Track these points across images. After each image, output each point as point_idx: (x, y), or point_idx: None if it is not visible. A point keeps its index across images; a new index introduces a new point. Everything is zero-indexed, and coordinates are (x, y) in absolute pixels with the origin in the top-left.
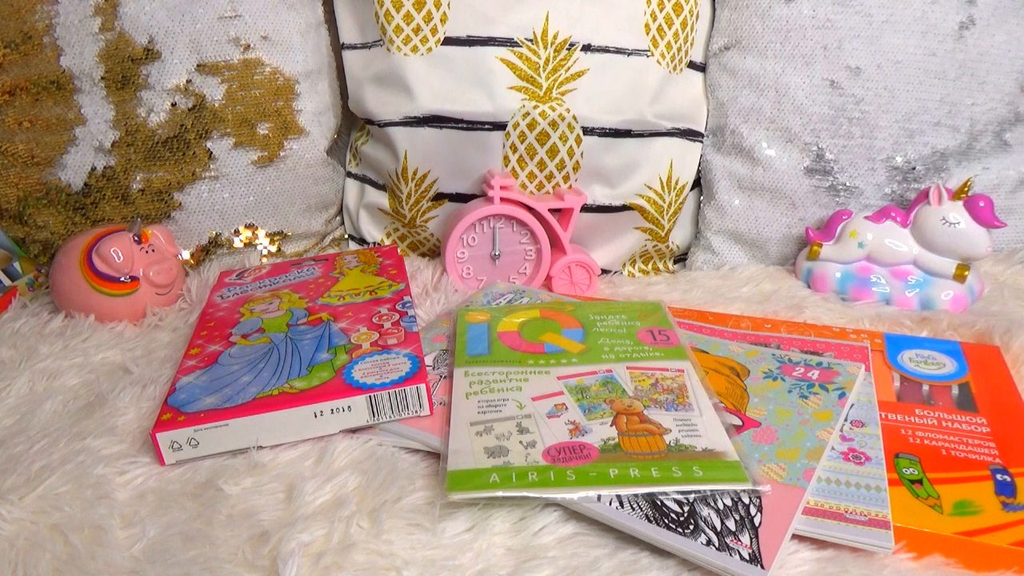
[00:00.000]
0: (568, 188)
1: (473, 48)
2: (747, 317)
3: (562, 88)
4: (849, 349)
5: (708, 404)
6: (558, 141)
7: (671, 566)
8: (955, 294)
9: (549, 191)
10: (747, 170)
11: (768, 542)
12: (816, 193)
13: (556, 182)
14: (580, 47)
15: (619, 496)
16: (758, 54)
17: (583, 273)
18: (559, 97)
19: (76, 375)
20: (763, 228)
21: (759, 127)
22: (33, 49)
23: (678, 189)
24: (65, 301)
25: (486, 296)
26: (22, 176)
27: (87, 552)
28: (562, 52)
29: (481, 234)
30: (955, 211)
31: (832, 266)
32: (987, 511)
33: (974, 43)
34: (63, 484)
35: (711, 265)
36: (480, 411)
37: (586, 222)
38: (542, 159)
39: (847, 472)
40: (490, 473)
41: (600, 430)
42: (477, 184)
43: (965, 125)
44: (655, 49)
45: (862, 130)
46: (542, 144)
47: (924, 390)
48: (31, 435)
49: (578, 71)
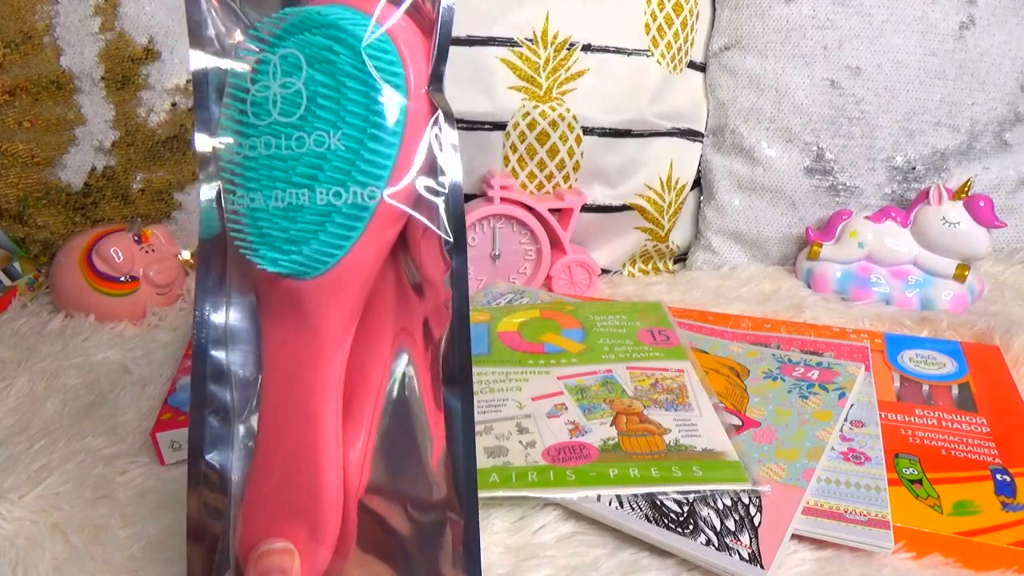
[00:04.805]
0: (568, 188)
1: (473, 48)
2: (747, 317)
3: (562, 88)
4: (849, 349)
5: (708, 404)
6: (558, 141)
7: (671, 566)
8: (955, 294)
9: (549, 191)
10: (747, 170)
11: (768, 542)
12: (816, 193)
13: (556, 182)
14: (580, 47)
15: (619, 496)
16: (758, 54)
17: (583, 273)
18: (559, 97)
19: (76, 375)
20: (763, 228)
21: (759, 127)
22: (33, 49)
23: (678, 189)
24: (65, 301)
25: (486, 296)
26: (22, 176)
27: (87, 552)
28: (562, 52)
29: (481, 234)
30: (955, 211)
31: (832, 266)
32: (987, 511)
33: (974, 43)
34: (63, 484)
35: (711, 265)
36: (480, 411)
37: (586, 222)
38: (542, 159)
39: (847, 472)
40: (490, 473)
41: (600, 430)
42: (477, 184)
43: (965, 125)
44: (655, 49)
45: (862, 130)
46: (542, 144)
47: (924, 390)
48: (31, 435)
49: (578, 71)
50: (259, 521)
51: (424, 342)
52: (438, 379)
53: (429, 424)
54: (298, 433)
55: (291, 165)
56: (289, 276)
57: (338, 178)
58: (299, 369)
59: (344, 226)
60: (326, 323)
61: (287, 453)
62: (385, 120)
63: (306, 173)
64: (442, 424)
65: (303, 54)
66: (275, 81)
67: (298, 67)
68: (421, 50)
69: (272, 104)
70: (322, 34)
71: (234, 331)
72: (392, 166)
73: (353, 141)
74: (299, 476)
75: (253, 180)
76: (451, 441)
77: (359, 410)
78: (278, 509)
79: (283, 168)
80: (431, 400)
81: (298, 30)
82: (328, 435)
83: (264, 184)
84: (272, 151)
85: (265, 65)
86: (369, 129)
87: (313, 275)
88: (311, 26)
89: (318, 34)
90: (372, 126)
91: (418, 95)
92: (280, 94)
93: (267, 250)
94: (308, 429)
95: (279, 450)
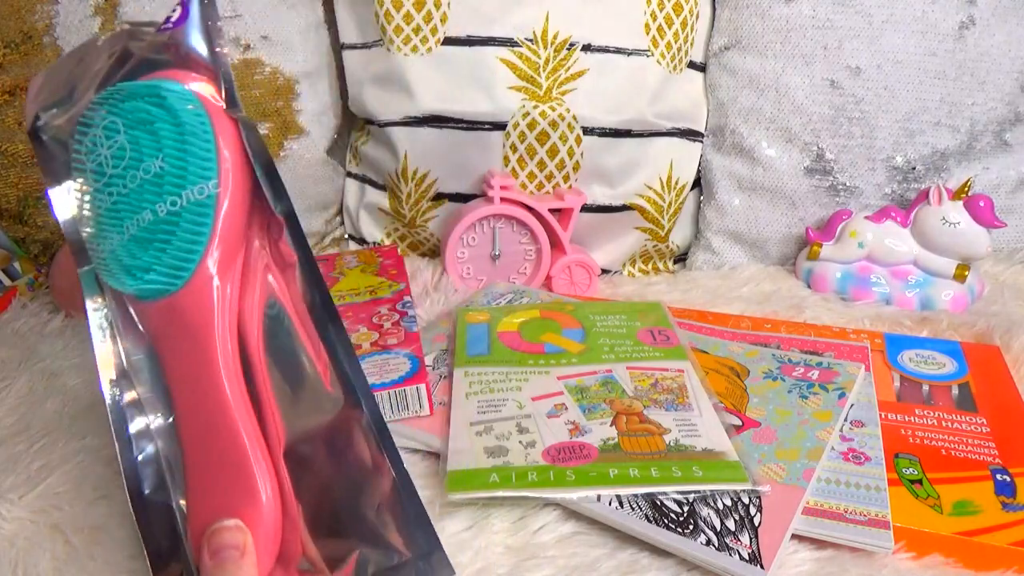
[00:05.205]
0: (568, 188)
1: (473, 48)
2: (747, 317)
3: (562, 88)
4: (849, 349)
5: (708, 404)
6: (558, 141)
7: (671, 566)
8: (955, 294)
9: (549, 191)
10: (747, 170)
11: (768, 542)
12: (816, 193)
13: (556, 182)
14: (580, 47)
15: (619, 496)
16: (758, 54)
17: (583, 273)
18: (559, 97)
19: (76, 375)
20: (763, 228)
21: (759, 127)
22: (33, 49)
23: (678, 189)
24: (65, 301)
25: (486, 296)
26: (22, 176)
27: (87, 552)
28: (562, 52)
29: (481, 234)
30: (955, 211)
31: (832, 266)
32: (987, 511)
33: (974, 43)
34: (63, 484)
35: (711, 265)
36: (480, 411)
37: (586, 222)
38: (542, 159)
39: (847, 472)
40: (490, 473)
41: (600, 430)
42: (477, 184)
43: (965, 125)
44: (655, 49)
45: (862, 130)
46: (542, 144)
47: (924, 390)
48: (31, 435)
49: (578, 71)
50: (205, 506)
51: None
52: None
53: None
54: (211, 413)
55: (132, 199)
56: (160, 297)
57: (174, 189)
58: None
59: (194, 223)
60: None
61: (207, 434)
62: (196, 133)
63: (146, 198)
64: (321, 347)
65: (119, 117)
66: (103, 147)
67: (116, 128)
68: (213, 88)
69: (106, 163)
70: (129, 95)
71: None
72: (216, 161)
73: (175, 157)
74: (225, 451)
75: (106, 228)
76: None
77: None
78: (217, 491)
79: (126, 204)
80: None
81: (107, 102)
82: (238, 404)
83: (113, 226)
84: (116, 197)
85: (93, 140)
86: (185, 142)
87: (180, 284)
88: (120, 97)
89: (126, 98)
90: (186, 140)
91: (218, 113)
92: (108, 154)
93: (133, 281)
94: (219, 407)
95: (198, 433)
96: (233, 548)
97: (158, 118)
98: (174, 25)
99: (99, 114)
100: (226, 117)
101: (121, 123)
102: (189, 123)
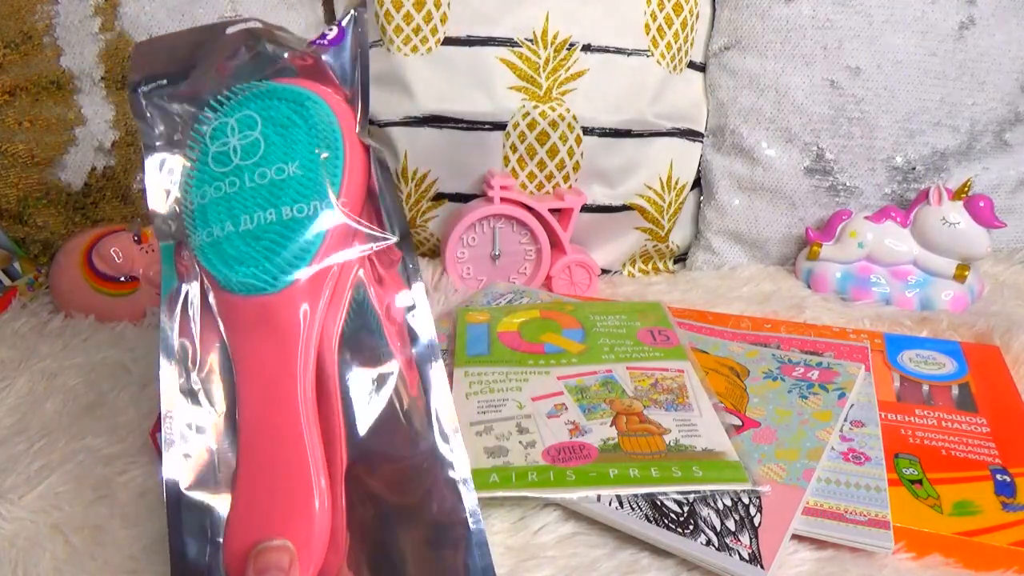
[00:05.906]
0: (568, 188)
1: (473, 48)
2: (747, 317)
3: (562, 88)
4: (849, 349)
5: (708, 404)
6: (558, 141)
7: (671, 566)
8: (955, 294)
9: (549, 191)
10: (747, 170)
11: (768, 542)
12: (816, 193)
13: (556, 182)
14: (580, 47)
15: (619, 496)
16: (758, 54)
17: (583, 273)
18: (559, 97)
19: (76, 375)
20: (763, 228)
21: (759, 127)
22: (33, 49)
23: (678, 189)
24: (65, 301)
25: (486, 296)
26: (22, 176)
27: (87, 552)
28: (562, 52)
29: (481, 234)
30: (955, 211)
31: (832, 266)
32: (987, 511)
33: (974, 43)
34: (63, 484)
35: (711, 265)
36: (480, 411)
37: (586, 222)
38: (542, 159)
39: (847, 472)
40: (490, 473)
41: (600, 430)
42: (477, 184)
43: (965, 125)
44: (655, 49)
45: (862, 130)
46: (542, 144)
47: (924, 390)
48: (31, 435)
49: (578, 71)
50: (252, 523)
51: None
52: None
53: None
54: (279, 422)
55: (250, 194)
56: (251, 294)
57: (301, 197)
58: (274, 379)
59: (311, 233)
60: (296, 328)
61: (270, 442)
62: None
63: (268, 198)
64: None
65: (257, 113)
66: (234, 136)
67: (252, 123)
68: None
69: (233, 153)
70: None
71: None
72: (341, 179)
73: (307, 167)
74: (285, 463)
75: (211, 213)
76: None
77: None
78: (268, 502)
79: (242, 197)
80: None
81: (248, 95)
82: (308, 418)
83: (221, 213)
84: (235, 188)
85: (223, 127)
86: (316, 157)
87: (280, 287)
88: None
89: (269, 97)
90: (317, 154)
91: (350, 133)
92: (238, 145)
93: (228, 271)
94: (289, 417)
95: (260, 439)
96: (278, 571)
97: (296, 125)
98: (329, 43)
99: (235, 104)
100: (358, 142)
101: (259, 119)
102: (325, 138)
